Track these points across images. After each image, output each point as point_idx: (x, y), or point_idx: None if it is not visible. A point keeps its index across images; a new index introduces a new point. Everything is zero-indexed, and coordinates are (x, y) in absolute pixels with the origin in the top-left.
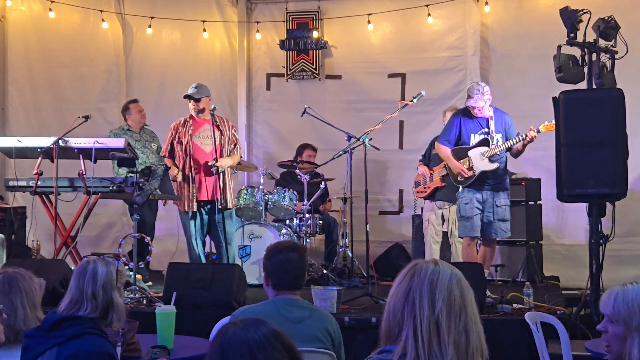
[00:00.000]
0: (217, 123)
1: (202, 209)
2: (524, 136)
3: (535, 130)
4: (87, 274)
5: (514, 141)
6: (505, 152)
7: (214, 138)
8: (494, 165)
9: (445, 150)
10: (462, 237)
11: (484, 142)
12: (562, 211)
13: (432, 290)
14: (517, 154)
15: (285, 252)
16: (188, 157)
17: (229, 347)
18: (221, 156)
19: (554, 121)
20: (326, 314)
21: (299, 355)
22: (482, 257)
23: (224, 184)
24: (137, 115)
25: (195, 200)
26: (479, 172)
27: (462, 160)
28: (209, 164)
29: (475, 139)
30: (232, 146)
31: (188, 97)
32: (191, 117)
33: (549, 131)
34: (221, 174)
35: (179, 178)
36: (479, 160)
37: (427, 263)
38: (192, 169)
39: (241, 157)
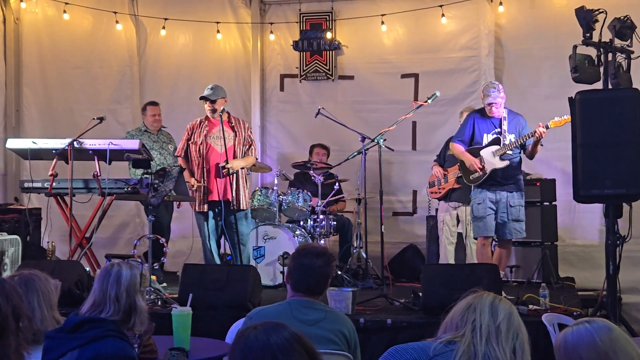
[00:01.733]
0: (232, 124)
1: (215, 210)
2: (533, 132)
3: (544, 126)
4: (111, 276)
5: (525, 138)
6: (519, 152)
7: (224, 139)
8: (505, 163)
9: (459, 148)
10: (476, 238)
11: (496, 142)
12: (575, 212)
13: (494, 308)
14: (530, 155)
15: (311, 257)
16: (201, 157)
17: (252, 351)
18: (234, 157)
19: (563, 116)
20: (341, 316)
21: (319, 357)
22: (498, 258)
23: (237, 185)
24: (151, 119)
25: (206, 201)
26: (490, 170)
27: None
28: (220, 165)
29: (487, 138)
30: (247, 147)
31: (204, 98)
32: (207, 117)
33: (557, 127)
34: (234, 175)
35: (195, 186)
36: (490, 159)
37: (488, 293)
38: (205, 169)
39: (257, 158)
